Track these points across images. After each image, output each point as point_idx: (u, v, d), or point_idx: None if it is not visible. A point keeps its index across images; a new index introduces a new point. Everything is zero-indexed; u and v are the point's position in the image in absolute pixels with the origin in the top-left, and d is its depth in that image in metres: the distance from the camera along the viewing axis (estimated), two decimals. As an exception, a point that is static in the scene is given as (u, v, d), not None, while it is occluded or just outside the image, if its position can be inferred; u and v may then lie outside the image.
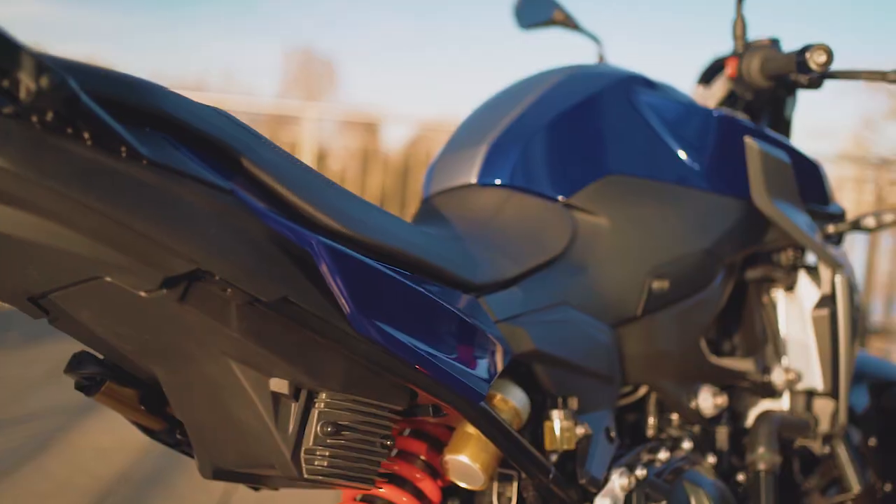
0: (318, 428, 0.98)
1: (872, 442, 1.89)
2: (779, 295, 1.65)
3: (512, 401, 1.21)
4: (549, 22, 1.97)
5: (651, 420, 1.43)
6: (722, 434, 1.51)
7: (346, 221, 0.97)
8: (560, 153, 1.38)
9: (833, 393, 1.60)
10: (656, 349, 1.38)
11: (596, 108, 1.42)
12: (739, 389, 1.59)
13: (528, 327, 1.21)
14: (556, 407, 1.23)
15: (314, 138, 5.88)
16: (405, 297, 0.99)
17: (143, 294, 0.84)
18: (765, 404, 1.60)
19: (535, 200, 1.35)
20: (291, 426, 0.97)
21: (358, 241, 0.99)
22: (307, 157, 5.88)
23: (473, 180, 1.36)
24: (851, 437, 1.82)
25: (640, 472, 1.27)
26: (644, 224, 1.39)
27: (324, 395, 0.99)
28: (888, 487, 1.91)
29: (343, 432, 0.99)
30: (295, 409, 0.97)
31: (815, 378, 1.61)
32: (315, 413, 0.98)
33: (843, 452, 1.78)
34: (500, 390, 1.21)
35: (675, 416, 1.45)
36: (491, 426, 1.09)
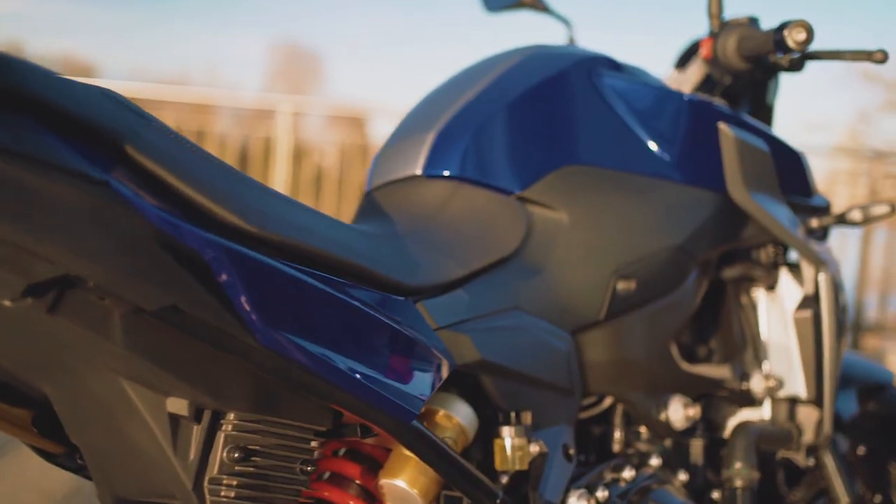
0: (225, 454, 0.87)
1: (861, 450, 1.77)
2: (758, 295, 1.53)
3: (457, 417, 1.09)
4: (516, 4, 1.84)
5: (617, 434, 1.31)
6: (696, 448, 1.39)
7: (252, 218, 0.86)
8: (514, 141, 1.26)
9: (817, 400, 1.48)
10: (622, 356, 1.26)
11: (555, 92, 1.30)
12: (716, 399, 1.47)
13: (475, 335, 1.09)
14: (507, 423, 1.12)
15: (291, 133, 5.75)
16: (321, 305, 0.88)
17: (6, 304, 0.73)
18: (743, 414, 1.48)
19: (485, 194, 1.23)
20: (193, 452, 0.86)
21: (267, 241, 0.87)
22: (283, 153, 5.75)
23: (419, 171, 1.24)
24: (838, 446, 1.70)
25: (602, 494, 1.15)
26: (607, 219, 1.27)
27: (231, 417, 0.88)
28: (878, 499, 1.79)
29: (253, 458, 0.88)
30: (197, 432, 0.86)
31: (797, 384, 1.49)
32: (221, 437, 0.87)
33: (829, 462, 1.66)
34: (443, 405, 1.09)
35: (643, 430, 1.33)
36: (427, 448, 0.97)
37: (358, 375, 0.89)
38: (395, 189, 1.26)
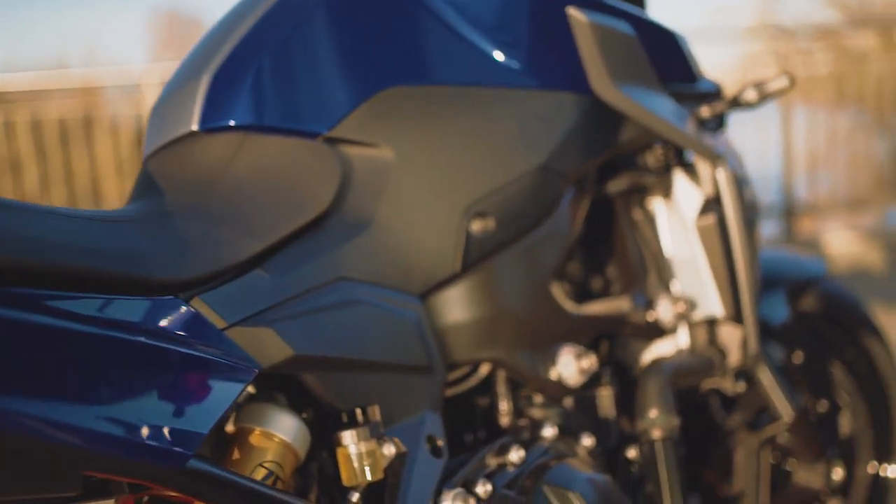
0: None
1: (798, 357, 1.58)
2: (654, 206, 1.30)
3: (278, 433, 0.85)
4: None
5: (502, 406, 1.08)
6: (604, 401, 1.17)
7: None
8: (312, 70, 1.00)
9: (737, 316, 1.27)
10: (491, 312, 1.03)
11: (359, 6, 1.04)
12: (621, 338, 1.25)
13: (283, 324, 0.85)
14: (349, 425, 0.88)
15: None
16: (30, 344, 0.64)
17: None
18: (657, 349, 1.26)
19: (282, 142, 0.97)
20: None
21: None
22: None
23: (194, 126, 0.97)
24: (772, 357, 1.50)
25: (483, 489, 0.93)
26: (446, 148, 1.03)
27: None
28: (824, 405, 1.61)
29: None
30: None
31: (712, 303, 1.27)
32: None
33: (764, 378, 1.46)
34: (257, 421, 0.85)
35: (536, 396, 1.10)
36: (220, 490, 0.73)
37: (99, 426, 0.66)
38: (170, 152, 0.99)
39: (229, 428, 0.86)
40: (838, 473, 1.65)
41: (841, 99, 5.56)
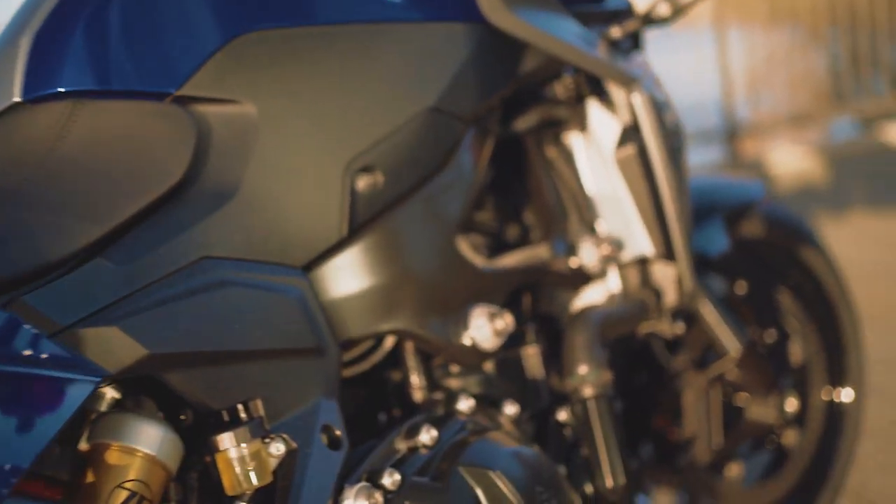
0: None
1: (741, 287, 1.49)
2: (570, 141, 1.19)
3: (140, 447, 0.73)
4: None
5: (415, 381, 0.97)
6: (530, 362, 1.06)
7: None
8: (150, 22, 0.86)
9: (668, 252, 1.17)
10: (388, 277, 0.91)
11: None
12: (545, 290, 1.14)
13: (132, 320, 0.73)
14: (227, 427, 0.76)
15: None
16: None
17: None
18: (586, 298, 1.15)
19: (122, 106, 0.83)
20: None
21: None
22: None
23: (17, 97, 0.83)
24: (713, 290, 1.41)
25: (392, 479, 0.82)
26: (318, 98, 0.90)
27: None
28: (771, 335, 1.53)
29: None
30: None
31: (640, 241, 1.17)
32: None
33: (707, 314, 1.37)
34: (112, 436, 0.73)
35: (452, 366, 0.99)
36: None
37: None
38: None
39: (83, 446, 0.74)
40: (792, 404, 1.58)
41: (775, 16, 5.47)
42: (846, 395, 1.68)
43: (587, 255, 1.11)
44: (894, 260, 3.54)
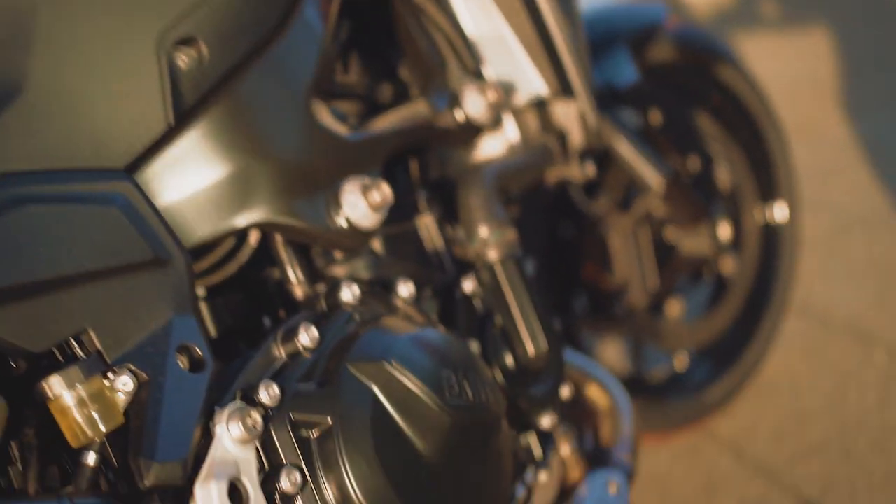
0: None
1: (656, 116, 1.38)
2: None
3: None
4: None
5: (291, 277, 0.84)
6: (425, 232, 0.94)
7: None
8: None
9: (564, 88, 1.05)
10: (234, 164, 0.78)
11: None
12: (433, 151, 1.01)
13: None
14: (55, 367, 0.64)
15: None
16: None
17: None
18: (482, 152, 1.03)
19: None
20: None
21: None
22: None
23: None
24: (626, 124, 1.30)
25: (269, 393, 0.71)
26: None
27: None
28: (695, 162, 1.43)
29: None
30: None
31: (533, 80, 1.04)
32: None
33: (622, 150, 1.27)
34: None
35: (335, 253, 0.87)
36: None
37: None
38: None
39: None
40: (726, 230, 1.50)
41: None
42: (780, 211, 1.61)
43: (472, 104, 0.98)
44: (817, 71, 3.46)
